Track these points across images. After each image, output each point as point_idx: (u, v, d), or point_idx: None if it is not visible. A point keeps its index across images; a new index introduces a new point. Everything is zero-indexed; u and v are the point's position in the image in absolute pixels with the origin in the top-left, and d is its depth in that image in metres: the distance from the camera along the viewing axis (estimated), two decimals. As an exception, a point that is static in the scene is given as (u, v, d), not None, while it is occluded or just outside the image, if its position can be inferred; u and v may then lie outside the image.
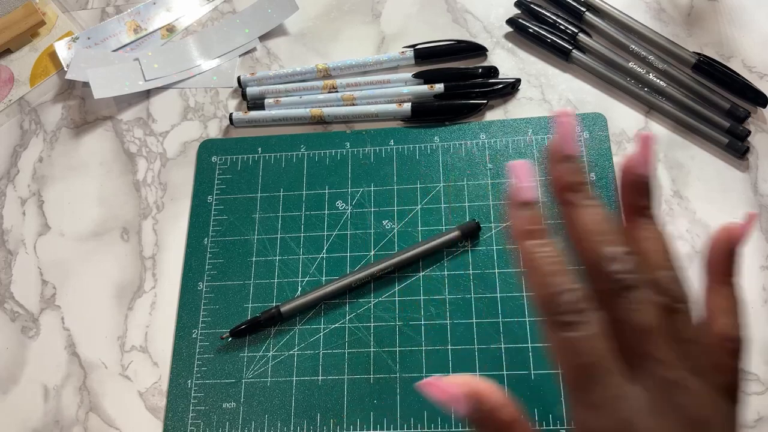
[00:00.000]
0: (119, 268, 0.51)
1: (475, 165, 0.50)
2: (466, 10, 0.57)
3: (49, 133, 0.57)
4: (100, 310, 0.50)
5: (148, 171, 0.54)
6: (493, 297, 0.46)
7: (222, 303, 0.48)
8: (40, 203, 0.54)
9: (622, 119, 0.51)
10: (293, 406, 0.45)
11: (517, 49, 0.55)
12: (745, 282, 0.45)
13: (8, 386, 0.48)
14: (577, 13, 0.54)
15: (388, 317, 0.46)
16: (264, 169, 0.52)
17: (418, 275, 0.47)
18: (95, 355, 0.48)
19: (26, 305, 0.51)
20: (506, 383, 0.44)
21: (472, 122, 0.52)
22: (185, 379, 0.46)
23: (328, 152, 0.52)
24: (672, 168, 0.49)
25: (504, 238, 0.48)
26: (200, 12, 0.61)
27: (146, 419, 0.46)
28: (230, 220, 0.51)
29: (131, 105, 0.57)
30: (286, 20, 0.58)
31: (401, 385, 0.44)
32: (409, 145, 0.52)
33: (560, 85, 0.53)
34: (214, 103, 0.56)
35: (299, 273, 0.49)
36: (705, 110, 0.49)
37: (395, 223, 0.49)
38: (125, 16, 0.60)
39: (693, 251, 0.46)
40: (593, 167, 0.49)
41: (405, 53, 0.55)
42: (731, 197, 0.47)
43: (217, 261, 0.50)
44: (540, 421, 0.42)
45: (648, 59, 0.51)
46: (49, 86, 0.59)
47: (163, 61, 0.58)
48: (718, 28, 0.53)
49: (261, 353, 0.47)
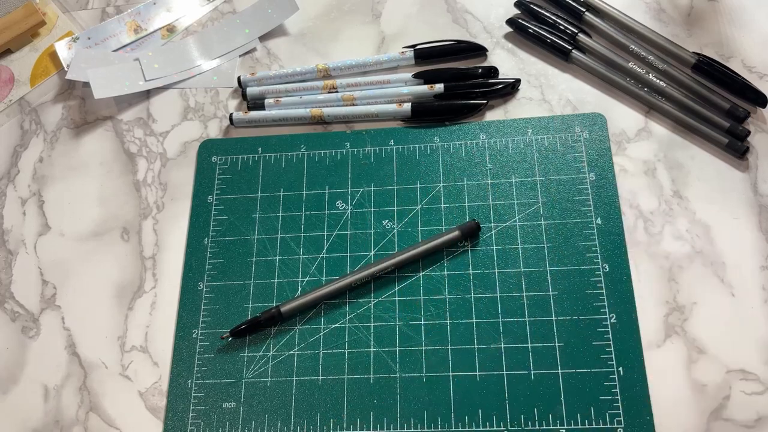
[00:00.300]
0: (119, 268, 0.51)
1: (474, 165, 0.50)
2: (466, 11, 0.57)
3: (49, 133, 0.57)
4: (100, 310, 0.50)
5: (148, 171, 0.54)
6: (493, 297, 0.46)
7: (222, 303, 0.48)
8: (40, 203, 0.54)
9: (622, 119, 0.51)
10: (293, 406, 0.45)
11: (517, 49, 0.55)
12: (745, 282, 0.45)
13: (8, 386, 0.48)
14: (576, 13, 0.54)
15: (388, 317, 0.46)
16: (264, 169, 0.52)
17: (418, 275, 0.47)
18: (95, 355, 0.48)
19: (26, 305, 0.51)
20: (506, 383, 0.44)
21: (472, 122, 0.52)
22: (185, 379, 0.46)
23: (328, 152, 0.52)
24: (672, 168, 0.49)
25: (504, 237, 0.48)
26: (200, 12, 0.61)
27: (146, 419, 0.46)
28: (230, 220, 0.51)
29: (131, 105, 0.57)
30: (286, 20, 0.58)
31: (401, 385, 0.44)
32: (409, 145, 0.52)
33: (560, 85, 0.53)
34: (214, 103, 0.56)
35: (299, 273, 0.49)
36: (705, 110, 0.49)
37: (395, 223, 0.49)
38: (125, 16, 0.60)
39: (693, 251, 0.46)
40: (593, 167, 0.49)
41: (405, 53, 0.55)
42: (731, 197, 0.47)
43: (218, 261, 0.50)
44: (540, 421, 0.42)
45: (648, 59, 0.51)
46: (49, 86, 0.59)
47: (163, 61, 0.58)
48: (718, 28, 0.53)
49: (261, 353, 0.47)
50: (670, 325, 0.44)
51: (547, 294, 0.46)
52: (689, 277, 0.45)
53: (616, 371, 0.43)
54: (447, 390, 0.44)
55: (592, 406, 0.42)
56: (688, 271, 0.46)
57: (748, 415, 0.42)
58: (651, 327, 0.44)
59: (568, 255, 0.46)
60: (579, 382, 0.43)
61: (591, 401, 0.42)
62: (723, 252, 0.46)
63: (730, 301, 0.44)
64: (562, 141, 0.50)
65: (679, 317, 0.44)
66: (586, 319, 0.45)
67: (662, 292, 0.45)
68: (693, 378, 0.43)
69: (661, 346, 0.44)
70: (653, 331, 0.44)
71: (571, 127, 0.51)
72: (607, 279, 0.45)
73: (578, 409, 0.42)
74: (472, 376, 0.44)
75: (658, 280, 0.45)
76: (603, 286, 0.45)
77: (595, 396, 0.42)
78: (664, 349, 0.44)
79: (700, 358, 0.43)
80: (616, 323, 0.44)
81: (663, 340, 0.44)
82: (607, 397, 0.42)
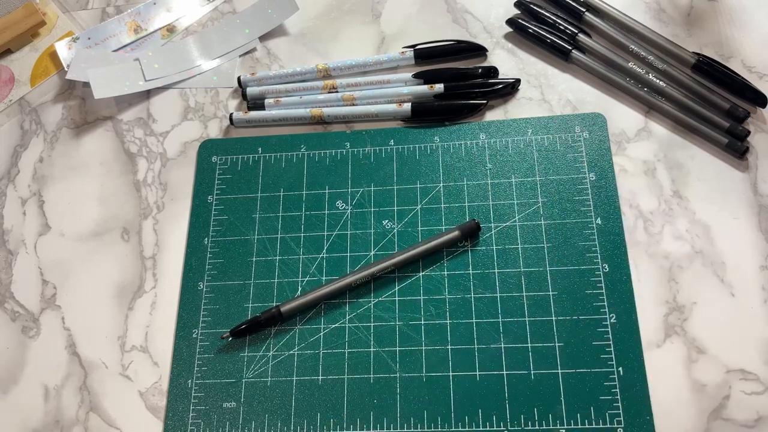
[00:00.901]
0: (119, 268, 0.51)
1: (474, 165, 0.50)
2: (466, 11, 0.57)
3: (49, 133, 0.57)
4: (100, 310, 0.50)
5: (148, 171, 0.54)
6: (492, 297, 0.46)
7: (222, 303, 0.48)
8: (40, 203, 0.54)
9: (621, 119, 0.51)
10: (293, 405, 0.45)
11: (517, 49, 0.55)
12: (745, 282, 0.45)
13: (8, 386, 0.48)
14: (576, 13, 0.54)
15: (388, 317, 0.46)
16: (264, 169, 0.52)
17: (418, 275, 0.47)
18: (95, 355, 0.48)
19: (27, 305, 0.51)
20: (506, 383, 0.44)
21: (472, 122, 0.52)
22: (185, 378, 0.46)
23: (328, 152, 0.53)
24: (672, 168, 0.49)
25: (504, 237, 0.48)
26: (200, 12, 0.61)
27: (146, 419, 0.46)
28: (230, 220, 0.51)
29: (131, 105, 0.57)
30: (286, 20, 0.59)
31: (401, 385, 0.45)
32: (409, 145, 0.52)
33: (560, 85, 0.53)
34: (215, 103, 0.56)
35: (299, 273, 0.49)
36: (705, 110, 0.49)
37: (395, 223, 0.49)
38: (125, 16, 0.60)
39: (693, 251, 0.46)
40: (593, 167, 0.49)
41: (405, 53, 0.55)
42: (731, 197, 0.47)
43: (218, 261, 0.50)
44: (540, 421, 0.42)
45: (648, 59, 0.51)
46: (49, 86, 0.59)
47: (163, 61, 0.58)
48: (717, 28, 0.53)
49: (261, 353, 0.47)
50: (670, 325, 0.44)
51: (547, 294, 0.46)
52: (689, 277, 0.45)
53: (616, 371, 0.43)
54: (447, 390, 0.44)
55: (592, 406, 0.42)
56: (688, 271, 0.46)
57: (748, 414, 0.42)
58: (651, 327, 0.44)
59: (568, 255, 0.46)
60: (579, 382, 0.43)
61: (591, 401, 0.42)
62: (723, 252, 0.46)
63: (730, 301, 0.44)
64: (562, 141, 0.50)
65: (678, 317, 0.44)
66: (586, 319, 0.45)
67: (662, 292, 0.45)
68: (693, 378, 0.43)
69: (661, 346, 0.44)
70: (653, 331, 0.44)
71: (571, 127, 0.51)
72: (607, 279, 0.45)
73: (578, 409, 0.42)
74: (472, 376, 0.44)
75: (658, 280, 0.45)
76: (603, 286, 0.45)
77: (595, 396, 0.42)
78: (664, 349, 0.44)
79: (700, 358, 0.43)
80: (616, 323, 0.44)
81: (663, 340, 0.44)
82: (607, 397, 0.42)
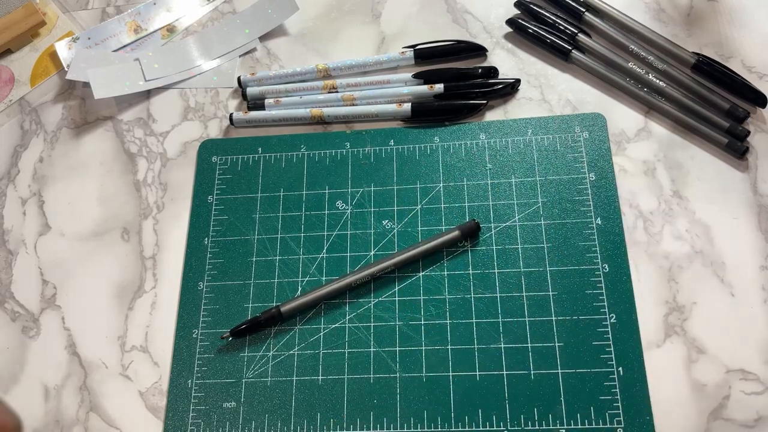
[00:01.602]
0: (119, 268, 0.51)
1: (474, 165, 0.50)
2: (466, 11, 0.57)
3: (49, 133, 0.57)
4: (100, 310, 0.50)
5: (148, 171, 0.54)
6: (492, 297, 0.46)
7: (222, 303, 0.48)
8: (40, 203, 0.54)
9: (621, 119, 0.51)
10: (293, 405, 0.45)
11: (517, 49, 0.55)
12: (745, 282, 0.45)
13: (8, 386, 0.48)
14: (576, 13, 0.54)
15: (388, 317, 0.46)
16: (264, 169, 0.52)
17: (418, 275, 0.47)
18: (95, 355, 0.48)
19: (27, 305, 0.51)
20: (506, 383, 0.44)
21: (472, 122, 0.52)
22: (185, 378, 0.46)
23: (328, 152, 0.53)
24: (672, 168, 0.49)
25: (503, 237, 0.48)
26: (200, 12, 0.61)
27: (146, 419, 0.46)
28: (230, 220, 0.51)
29: (131, 105, 0.57)
30: (286, 20, 0.59)
31: (401, 385, 0.45)
32: (409, 146, 0.52)
33: (560, 86, 0.53)
34: (215, 103, 0.56)
35: (299, 273, 0.49)
36: (704, 110, 0.49)
37: (395, 223, 0.49)
38: (125, 16, 0.60)
39: (693, 251, 0.46)
40: (593, 167, 0.49)
41: (405, 53, 0.55)
42: (731, 197, 0.47)
43: (218, 261, 0.50)
44: (540, 421, 0.42)
45: (648, 59, 0.52)
46: (49, 86, 0.59)
47: (163, 61, 0.58)
48: (717, 28, 0.53)
49: (261, 353, 0.47)
50: (670, 325, 0.44)
51: (547, 294, 0.46)
52: (689, 277, 0.45)
53: (616, 371, 0.43)
54: (447, 390, 0.44)
55: (592, 406, 0.42)
56: (688, 271, 0.46)
57: (748, 414, 0.42)
58: (651, 327, 0.44)
59: (567, 255, 0.46)
60: (579, 382, 0.43)
61: (591, 401, 0.42)
62: (723, 252, 0.46)
63: (729, 301, 0.44)
64: (562, 141, 0.50)
65: (678, 317, 0.44)
66: (586, 319, 0.45)
67: (662, 292, 0.45)
68: (693, 378, 0.43)
69: (661, 346, 0.44)
70: (653, 331, 0.44)
71: (570, 127, 0.51)
72: (606, 279, 0.45)
73: (578, 409, 0.42)
74: (472, 376, 0.44)
75: (658, 280, 0.46)
76: (603, 286, 0.45)
77: (595, 396, 0.42)
78: (664, 349, 0.44)
79: (700, 358, 0.43)
80: (615, 323, 0.44)
81: (663, 340, 0.44)
82: (607, 397, 0.42)
